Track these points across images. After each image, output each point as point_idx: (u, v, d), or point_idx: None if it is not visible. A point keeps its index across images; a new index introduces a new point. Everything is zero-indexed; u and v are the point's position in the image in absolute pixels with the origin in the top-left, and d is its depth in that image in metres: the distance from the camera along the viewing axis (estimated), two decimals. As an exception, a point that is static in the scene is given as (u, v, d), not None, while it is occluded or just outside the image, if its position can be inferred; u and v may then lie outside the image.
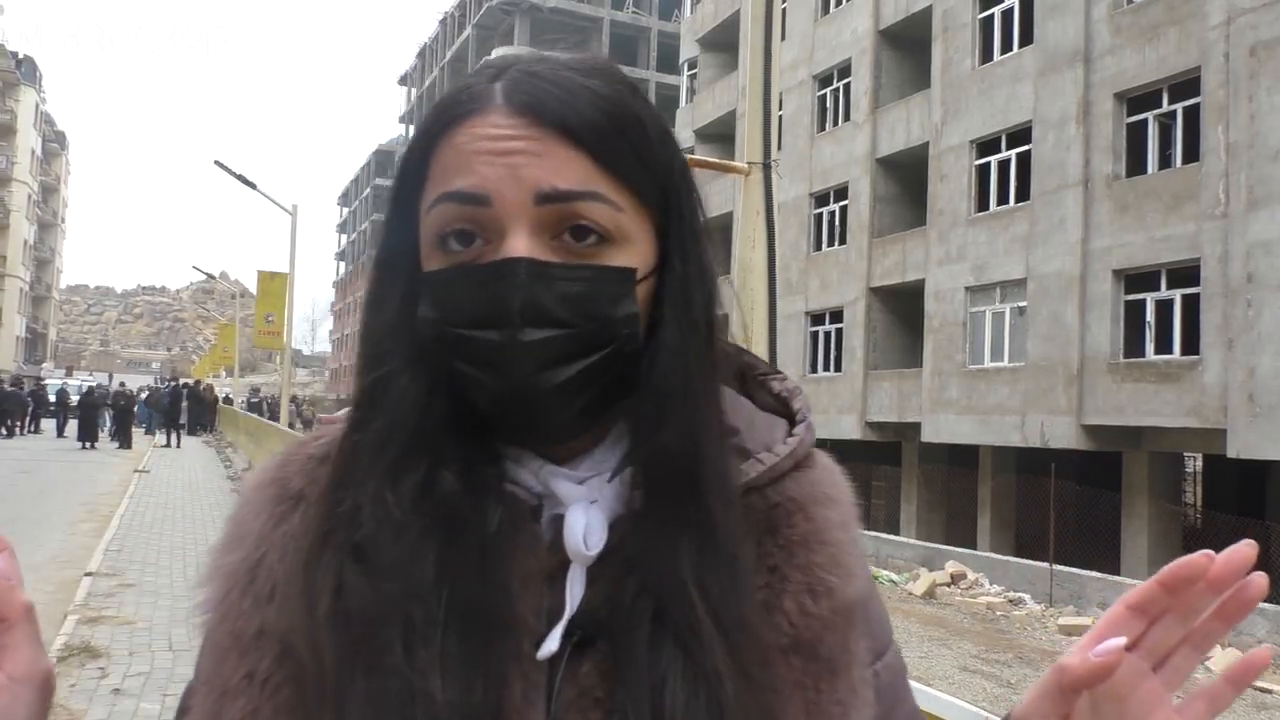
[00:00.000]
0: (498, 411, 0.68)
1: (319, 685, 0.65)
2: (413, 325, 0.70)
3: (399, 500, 0.67)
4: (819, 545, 0.74)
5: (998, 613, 14.53)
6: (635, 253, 0.70)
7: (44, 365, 77.10)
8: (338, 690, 0.64)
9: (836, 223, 24.99)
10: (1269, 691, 10.83)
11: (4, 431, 32.12)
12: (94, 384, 37.29)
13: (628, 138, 0.70)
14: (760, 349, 3.93)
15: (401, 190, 0.72)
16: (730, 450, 0.73)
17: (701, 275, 0.74)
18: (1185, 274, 16.03)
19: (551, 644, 0.67)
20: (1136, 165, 17.24)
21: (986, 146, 20.38)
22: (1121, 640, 0.59)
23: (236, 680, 0.68)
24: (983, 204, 20.39)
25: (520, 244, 0.66)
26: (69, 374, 73.77)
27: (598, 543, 0.69)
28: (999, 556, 17.63)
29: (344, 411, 0.78)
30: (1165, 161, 17.04)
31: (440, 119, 0.70)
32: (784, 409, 0.82)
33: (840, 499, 0.78)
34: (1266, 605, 13.10)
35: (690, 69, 34.85)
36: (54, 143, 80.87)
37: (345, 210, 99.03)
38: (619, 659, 0.67)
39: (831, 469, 0.81)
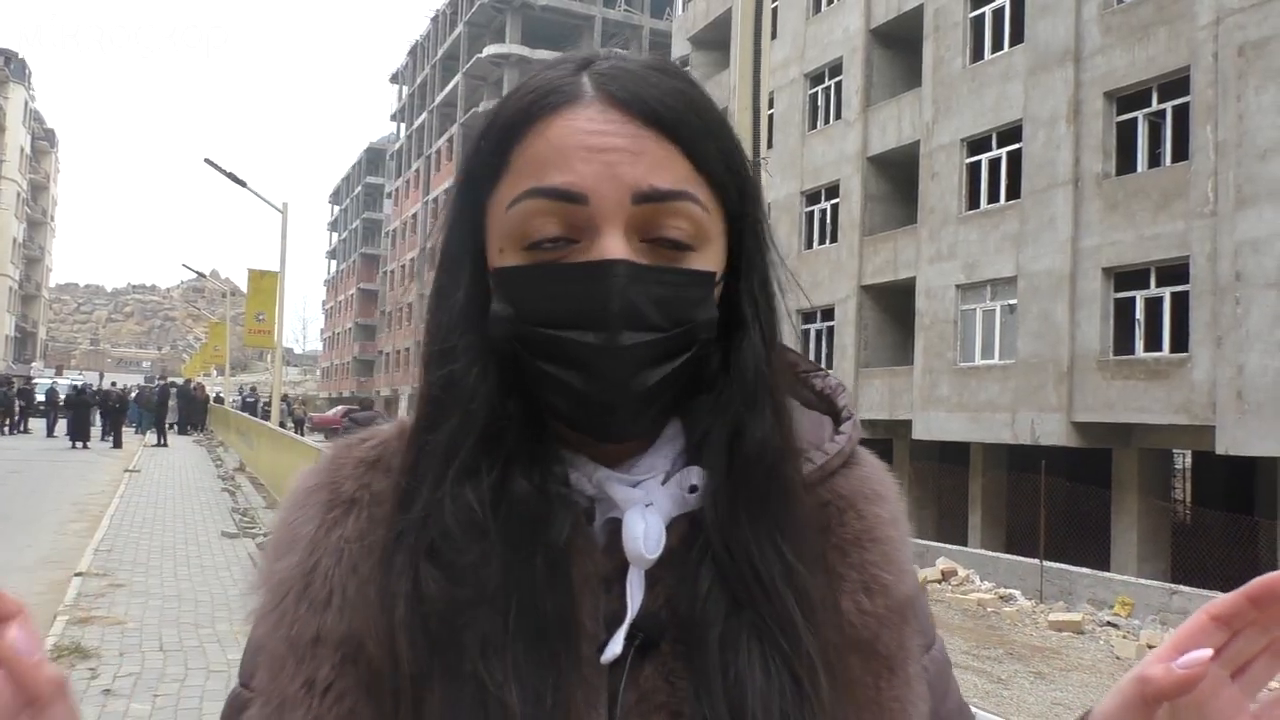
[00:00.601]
0: (581, 413, 0.67)
1: (394, 689, 0.64)
2: (480, 322, 0.69)
3: (476, 501, 0.67)
4: (871, 543, 0.75)
5: (989, 609, 14.58)
6: (713, 255, 0.70)
7: (33, 364, 76.74)
8: (415, 695, 0.63)
9: (828, 221, 25.02)
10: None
11: (-7, 431, 31.98)
12: (84, 383, 37.10)
13: (715, 137, 0.69)
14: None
15: (472, 181, 0.71)
16: (796, 449, 0.74)
17: (775, 279, 0.76)
18: (1174, 272, 16.10)
19: (615, 648, 0.66)
20: (1126, 164, 17.31)
21: (977, 145, 20.43)
22: (1208, 652, 0.59)
23: (295, 689, 0.67)
24: (973, 202, 20.44)
25: (617, 245, 0.65)
26: (59, 373, 73.48)
27: (656, 546, 0.68)
28: (990, 553, 17.68)
29: (338, 410, 0.77)
30: (1155, 160, 17.11)
31: (528, 110, 0.68)
32: (827, 406, 0.82)
33: (888, 496, 0.79)
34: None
35: (682, 67, 34.83)
36: (43, 140, 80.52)
37: (336, 208, 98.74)
38: (691, 657, 0.66)
39: (878, 466, 0.81)
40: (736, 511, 0.69)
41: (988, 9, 20.39)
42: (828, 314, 24.60)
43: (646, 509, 0.69)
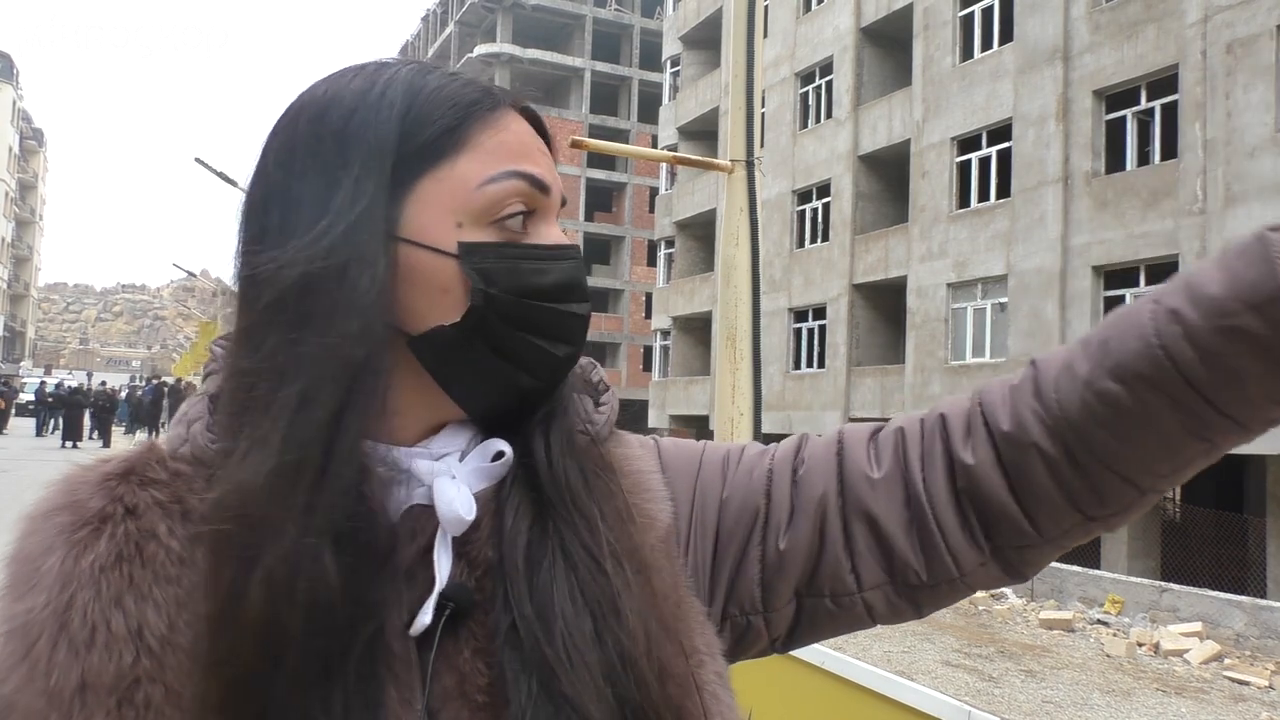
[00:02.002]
0: (536, 383, 0.72)
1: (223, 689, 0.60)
2: (390, 308, 0.66)
3: (336, 536, 0.62)
4: (621, 476, 0.78)
5: (980, 607, 14.62)
6: None
7: (22, 364, 76.39)
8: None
9: (819, 220, 25.05)
10: (1245, 683, 10.94)
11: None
12: (77, 384, 36.92)
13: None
14: (744, 346, 3.94)
15: (399, 154, 0.68)
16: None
17: None
18: (1164, 270, 16.15)
19: (424, 619, 0.65)
20: (1115, 162, 17.36)
21: (967, 143, 20.48)
22: None
23: None
24: (964, 201, 20.49)
25: (560, 233, 0.75)
26: (48, 372, 73.14)
27: (471, 509, 0.68)
28: (981, 551, 17.73)
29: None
30: (1144, 158, 17.16)
31: (484, 100, 0.72)
32: (582, 383, 0.84)
33: (637, 442, 0.84)
34: (1242, 597, 13.23)
35: (673, 66, 34.84)
36: (31, 140, 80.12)
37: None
38: (500, 591, 0.67)
39: (634, 438, 0.85)
40: (555, 445, 0.73)
41: (977, 7, 20.43)
42: (819, 313, 24.63)
43: (452, 479, 0.70)
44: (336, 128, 0.69)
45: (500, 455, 0.72)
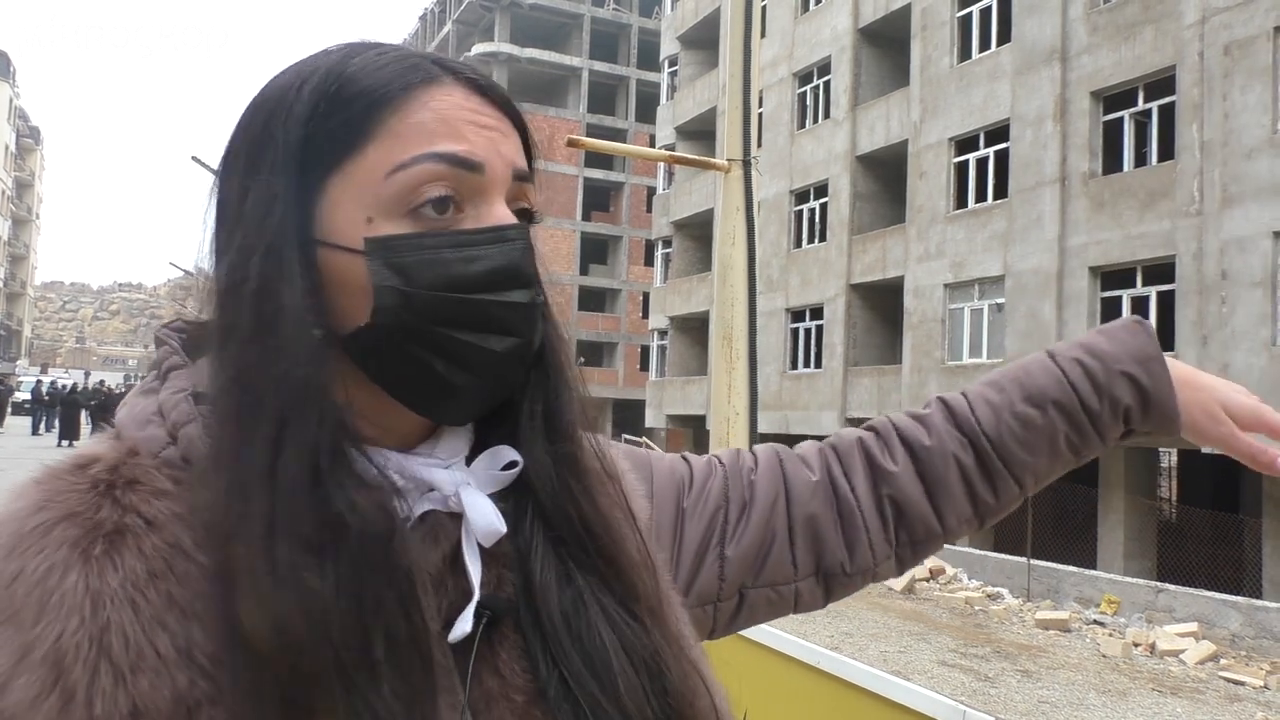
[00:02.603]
0: (475, 382, 0.66)
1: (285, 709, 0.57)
2: (317, 315, 0.63)
3: (318, 524, 0.60)
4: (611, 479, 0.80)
5: (976, 607, 14.64)
6: None
7: (18, 362, 76.28)
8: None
9: (816, 220, 25.06)
10: (1241, 683, 10.96)
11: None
12: (74, 383, 36.88)
13: (531, 139, 0.75)
14: (740, 346, 3.94)
15: (306, 157, 0.65)
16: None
17: None
18: (1160, 271, 16.17)
19: (465, 626, 0.65)
20: (1112, 163, 17.38)
21: (965, 144, 20.49)
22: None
23: None
24: (961, 201, 20.50)
25: (506, 213, 0.68)
26: (44, 371, 73.07)
27: (501, 520, 0.69)
28: (977, 552, 17.74)
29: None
30: (1141, 159, 17.18)
31: (397, 81, 0.66)
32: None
33: (608, 440, 0.85)
34: (1238, 598, 13.25)
35: (671, 66, 34.85)
36: (28, 138, 79.98)
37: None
38: (539, 630, 0.68)
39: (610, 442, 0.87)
40: (562, 473, 0.72)
41: (975, 8, 20.44)
42: (816, 313, 24.64)
43: (470, 488, 0.69)
44: (254, 133, 0.67)
45: (513, 465, 0.71)
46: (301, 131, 0.65)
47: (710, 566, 0.87)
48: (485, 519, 0.68)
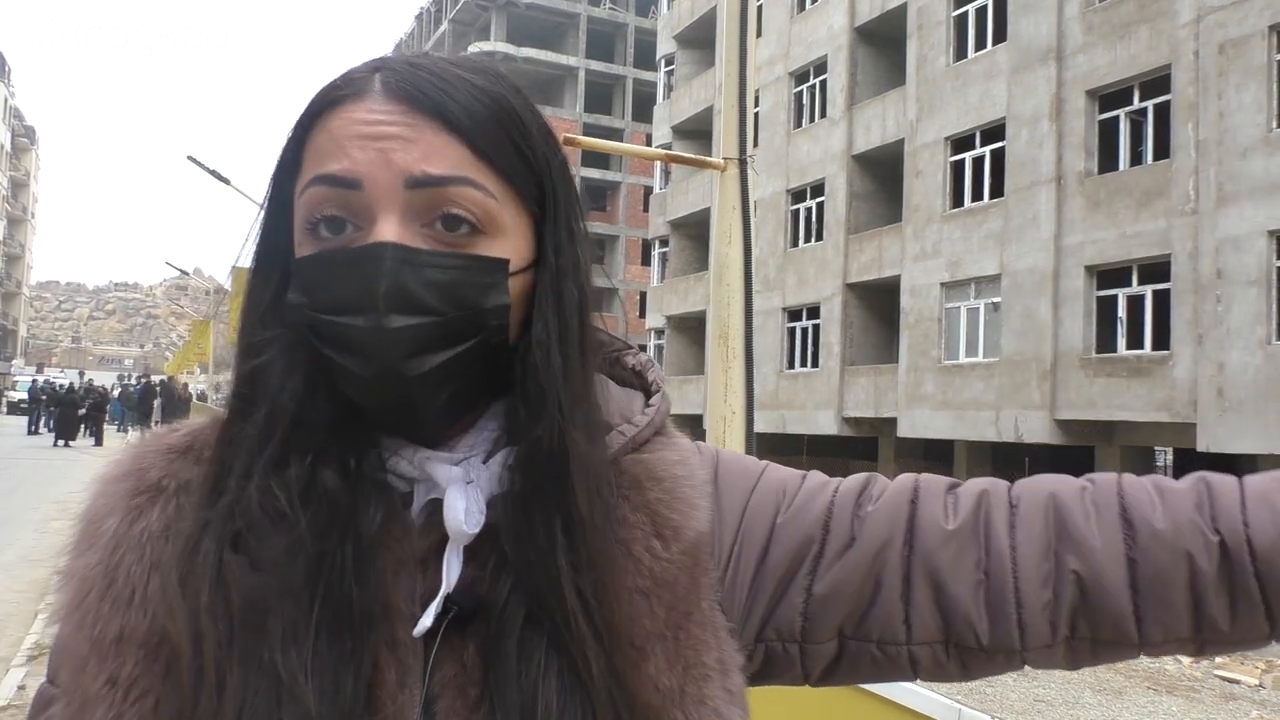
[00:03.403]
0: (365, 400, 0.68)
1: (195, 679, 0.64)
2: (283, 319, 0.70)
3: (283, 493, 0.67)
4: (653, 482, 0.76)
5: (972, 606, 14.64)
6: (509, 245, 0.70)
7: (14, 362, 76.14)
8: (218, 682, 0.63)
9: (813, 219, 25.07)
10: (1236, 682, 10.98)
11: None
12: (70, 382, 36.86)
13: (505, 129, 0.70)
14: (737, 345, 3.94)
15: (278, 177, 0.72)
16: (603, 443, 0.74)
17: (574, 269, 0.74)
18: (1156, 270, 16.20)
19: (427, 620, 0.67)
20: (1108, 162, 17.40)
21: (961, 143, 20.50)
22: None
23: (98, 687, 0.67)
24: (957, 200, 20.52)
25: (389, 229, 0.66)
26: (40, 371, 72.94)
27: (476, 522, 0.69)
28: (974, 550, 17.77)
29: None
30: (1136, 158, 17.21)
31: (316, 105, 0.70)
32: (640, 381, 0.83)
33: (679, 444, 0.81)
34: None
35: (667, 65, 34.85)
36: (23, 137, 79.82)
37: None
38: (489, 650, 0.68)
39: (683, 438, 0.83)
40: (526, 514, 0.69)
41: (970, 7, 20.46)
42: (813, 312, 24.65)
43: (467, 486, 0.70)
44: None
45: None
46: (280, 153, 0.73)
47: (792, 600, 0.76)
48: (455, 519, 0.68)
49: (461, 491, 0.70)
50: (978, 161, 20.05)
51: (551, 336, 0.71)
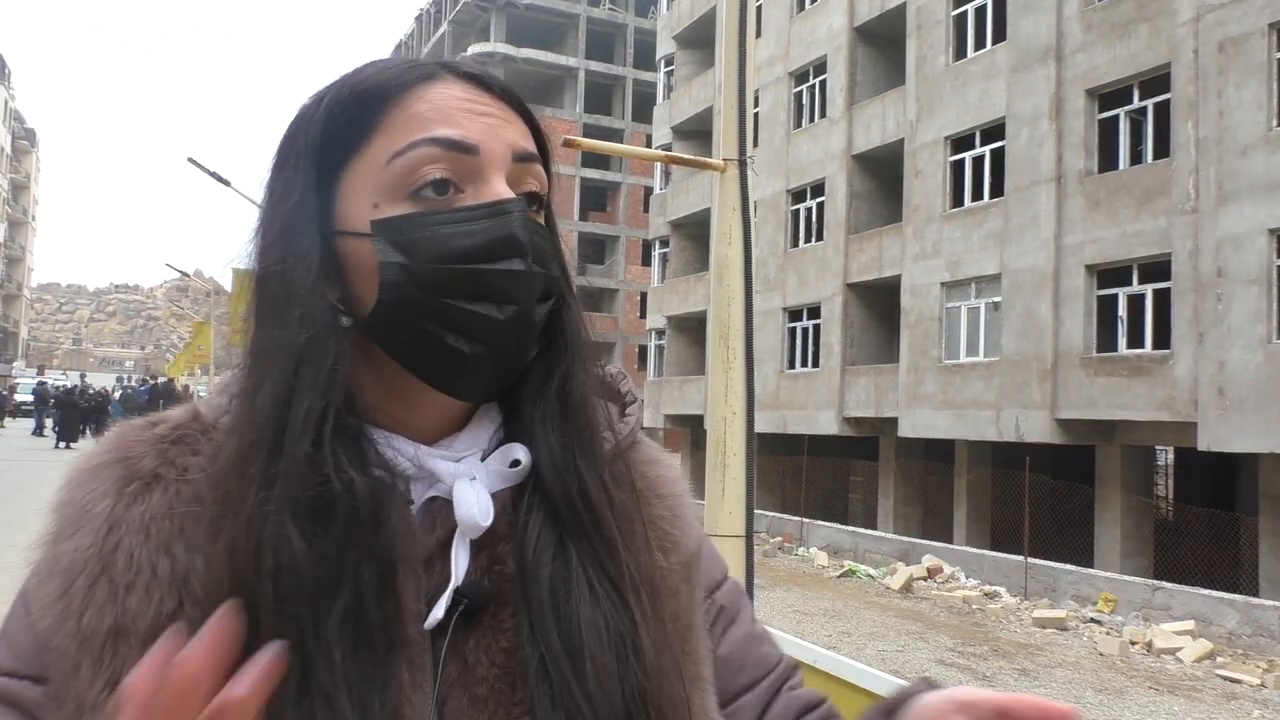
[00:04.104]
0: (481, 349, 0.69)
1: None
2: (330, 297, 0.69)
3: (313, 495, 0.64)
4: (657, 499, 0.80)
5: (974, 606, 14.65)
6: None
7: (15, 364, 76.15)
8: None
9: (813, 219, 25.05)
10: (1238, 681, 10.98)
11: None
12: (72, 385, 36.92)
13: (538, 126, 0.78)
14: (737, 345, 3.93)
15: (323, 151, 0.71)
16: (602, 444, 0.78)
17: (572, 290, 0.80)
18: (1156, 269, 16.19)
19: (438, 613, 0.68)
20: (1108, 161, 17.39)
21: (961, 143, 20.50)
22: None
23: (96, 692, 0.62)
24: (957, 200, 20.51)
25: (504, 189, 0.71)
26: (41, 372, 72.92)
27: (488, 514, 0.71)
28: (975, 550, 17.76)
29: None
30: (1136, 157, 17.20)
31: (397, 80, 0.72)
32: (610, 393, 0.86)
33: (668, 461, 0.85)
34: (1235, 596, 13.27)
35: (667, 66, 34.83)
36: (24, 140, 79.82)
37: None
38: (522, 610, 0.69)
39: (654, 444, 0.87)
40: (569, 450, 0.73)
41: (970, 7, 20.45)
42: (814, 312, 24.64)
43: (472, 481, 0.72)
44: (288, 134, 0.74)
45: (518, 463, 0.74)
46: (319, 132, 0.71)
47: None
48: (468, 512, 0.70)
49: (470, 485, 0.72)
50: (977, 161, 20.04)
51: (577, 308, 0.78)
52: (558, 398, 0.75)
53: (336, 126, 0.71)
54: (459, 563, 0.70)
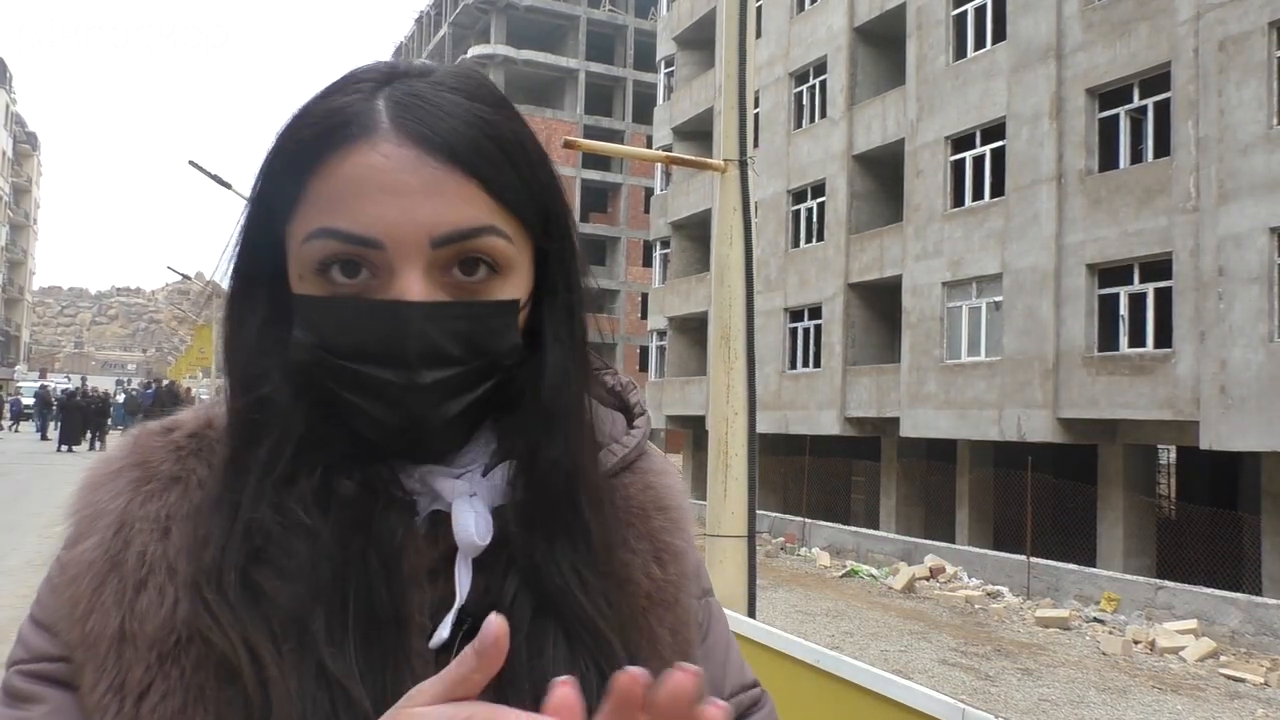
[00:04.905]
0: (386, 440, 0.68)
1: (260, 688, 0.61)
2: (282, 345, 0.68)
3: (299, 505, 0.66)
4: (659, 511, 0.80)
5: (976, 606, 14.64)
6: (519, 281, 0.70)
7: (16, 368, 76.20)
8: (281, 691, 0.61)
9: (814, 219, 25.05)
10: (1241, 680, 10.97)
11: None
12: (74, 388, 36.97)
13: (515, 165, 0.69)
14: (739, 346, 3.94)
15: (268, 203, 0.69)
16: (598, 460, 0.77)
17: (583, 297, 0.76)
18: (1158, 268, 16.18)
19: (443, 633, 0.67)
20: (1109, 160, 17.38)
21: (961, 142, 20.49)
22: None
23: (99, 695, 0.62)
24: (958, 199, 20.50)
25: (415, 287, 0.65)
26: (43, 375, 73.00)
27: (486, 532, 0.70)
28: (977, 550, 17.75)
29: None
30: (1137, 156, 17.19)
31: (324, 139, 0.66)
32: (619, 402, 0.86)
33: (671, 472, 0.85)
34: (1238, 594, 13.26)
35: (667, 67, 34.84)
36: (25, 144, 79.90)
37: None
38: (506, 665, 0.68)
39: (660, 454, 0.86)
40: (533, 527, 0.71)
41: (970, 7, 20.44)
42: (815, 312, 24.64)
43: (472, 498, 0.71)
44: (260, 167, 0.72)
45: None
46: (266, 179, 0.69)
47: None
48: (465, 530, 0.69)
49: (468, 504, 0.71)
50: (978, 160, 20.04)
51: (564, 363, 0.73)
52: (523, 467, 0.73)
53: (275, 183, 0.68)
54: (462, 581, 0.70)
